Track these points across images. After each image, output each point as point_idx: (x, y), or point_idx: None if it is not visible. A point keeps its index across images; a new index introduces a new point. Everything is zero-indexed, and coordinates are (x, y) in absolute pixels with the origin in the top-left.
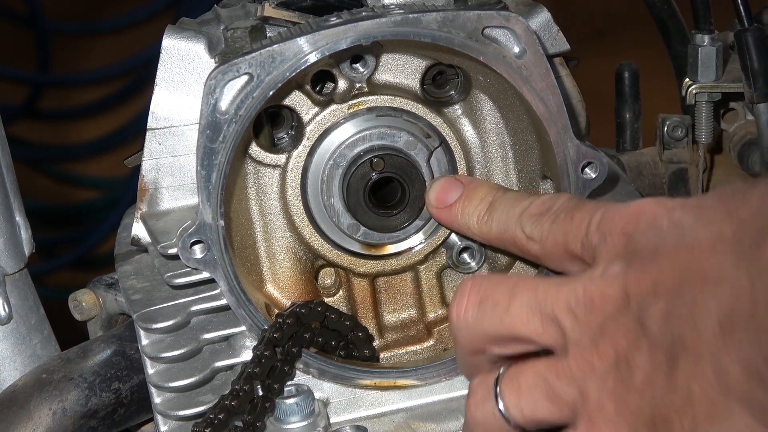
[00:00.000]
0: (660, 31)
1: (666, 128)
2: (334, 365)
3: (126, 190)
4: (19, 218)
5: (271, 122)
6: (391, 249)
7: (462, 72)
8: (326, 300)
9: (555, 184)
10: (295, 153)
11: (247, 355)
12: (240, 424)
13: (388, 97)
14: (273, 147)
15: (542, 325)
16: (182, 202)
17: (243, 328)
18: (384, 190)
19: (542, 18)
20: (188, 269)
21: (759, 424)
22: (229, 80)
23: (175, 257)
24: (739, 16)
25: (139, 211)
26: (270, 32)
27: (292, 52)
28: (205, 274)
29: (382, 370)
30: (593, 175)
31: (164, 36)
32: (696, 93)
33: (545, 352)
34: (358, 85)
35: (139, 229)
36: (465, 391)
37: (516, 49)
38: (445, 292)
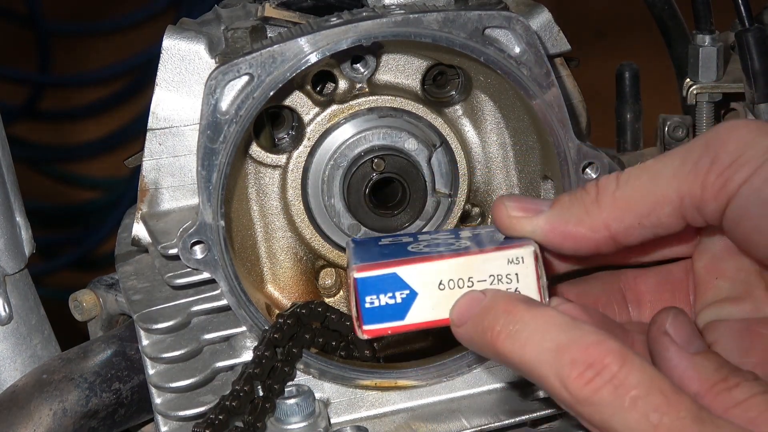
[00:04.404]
0: (661, 32)
1: (667, 128)
2: (335, 366)
3: (126, 190)
4: (20, 218)
5: (271, 122)
6: None
7: (463, 72)
8: (327, 300)
9: (556, 185)
10: (295, 153)
11: (247, 356)
12: (240, 424)
13: (389, 97)
14: (273, 147)
15: None
16: (183, 202)
17: (243, 328)
18: (385, 191)
19: (543, 18)
20: (189, 270)
21: None
22: (230, 80)
23: (176, 258)
24: (739, 17)
25: (140, 212)
26: (270, 32)
27: (292, 53)
28: (206, 275)
29: (382, 370)
30: (594, 176)
31: (165, 36)
32: (697, 93)
33: None
34: (358, 86)
35: (139, 230)
36: (465, 392)
37: (517, 50)
38: None
